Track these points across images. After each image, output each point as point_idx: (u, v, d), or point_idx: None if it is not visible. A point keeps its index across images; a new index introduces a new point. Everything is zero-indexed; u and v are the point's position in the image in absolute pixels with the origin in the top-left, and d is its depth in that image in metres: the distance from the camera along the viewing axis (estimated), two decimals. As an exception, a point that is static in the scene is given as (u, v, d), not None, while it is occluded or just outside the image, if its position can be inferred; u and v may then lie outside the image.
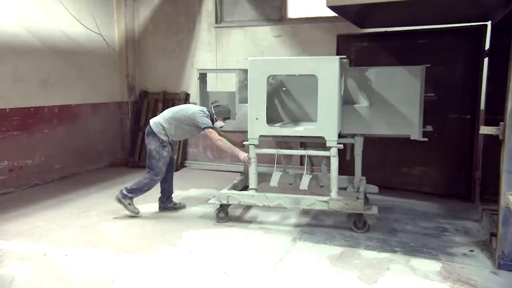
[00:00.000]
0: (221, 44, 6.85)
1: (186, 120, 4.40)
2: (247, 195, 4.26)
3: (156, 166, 4.47)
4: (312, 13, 6.29)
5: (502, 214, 3.21)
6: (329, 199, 3.99)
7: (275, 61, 4.20)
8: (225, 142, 4.37)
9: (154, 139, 4.45)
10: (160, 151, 4.45)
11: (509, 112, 3.11)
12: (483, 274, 3.18)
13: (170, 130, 4.45)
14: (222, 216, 4.38)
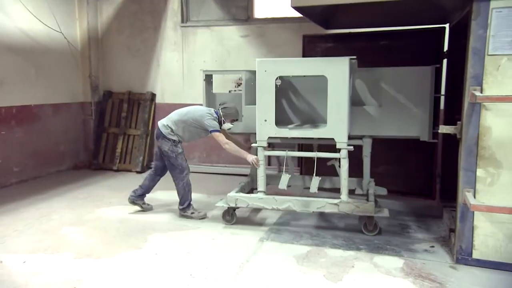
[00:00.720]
0: (187, 44, 6.78)
1: (194, 122, 4.37)
2: (256, 198, 4.20)
3: (177, 164, 4.45)
4: (279, 13, 6.34)
5: (460, 210, 3.33)
6: (339, 202, 3.94)
7: (284, 62, 4.10)
8: (232, 146, 4.32)
9: (165, 141, 4.42)
10: (174, 149, 4.42)
11: (465, 112, 3.23)
12: (443, 269, 3.29)
13: (178, 132, 4.43)
14: (228, 219, 4.34)
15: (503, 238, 3.20)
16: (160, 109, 7.05)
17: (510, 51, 3.05)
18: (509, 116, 3.09)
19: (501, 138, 3.13)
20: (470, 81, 3.18)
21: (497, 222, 3.20)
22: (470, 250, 3.30)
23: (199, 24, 6.73)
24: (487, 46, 3.10)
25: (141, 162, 6.76)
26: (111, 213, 4.68)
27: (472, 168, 3.23)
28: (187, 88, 6.89)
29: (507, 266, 3.21)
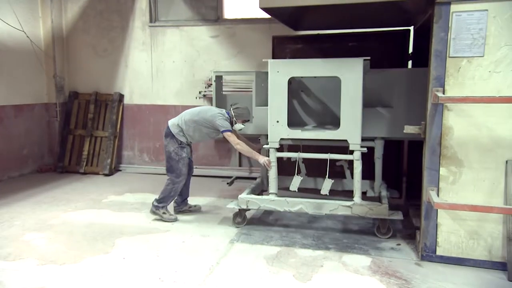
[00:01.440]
0: (156, 44, 6.70)
1: (205, 123, 4.31)
2: (267, 200, 4.15)
3: (176, 168, 4.38)
4: (248, 14, 6.35)
5: (424, 208, 3.43)
6: (352, 204, 3.91)
7: (297, 62, 4.04)
8: (244, 146, 4.28)
9: (173, 141, 4.36)
10: (179, 152, 4.35)
11: (429, 112, 3.33)
12: (408, 266, 3.38)
13: (189, 132, 4.35)
14: (239, 221, 4.30)
15: (464, 234, 3.32)
16: (128, 110, 6.94)
17: (470, 53, 3.17)
18: (469, 117, 3.21)
19: (462, 137, 3.25)
20: (433, 83, 3.28)
21: (459, 219, 3.32)
22: (434, 247, 3.40)
23: (168, 24, 6.66)
24: (448, 48, 3.21)
25: (109, 164, 6.63)
26: (77, 217, 4.57)
27: (436, 167, 3.34)
28: (156, 88, 6.80)
29: (468, 262, 3.33)
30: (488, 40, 3.12)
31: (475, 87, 3.18)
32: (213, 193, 5.61)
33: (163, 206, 4.48)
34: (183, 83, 6.67)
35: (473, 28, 3.15)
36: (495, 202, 3.21)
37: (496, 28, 3.09)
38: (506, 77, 3.10)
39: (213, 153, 6.69)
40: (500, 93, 3.10)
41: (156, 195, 5.40)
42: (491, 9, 3.08)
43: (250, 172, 6.41)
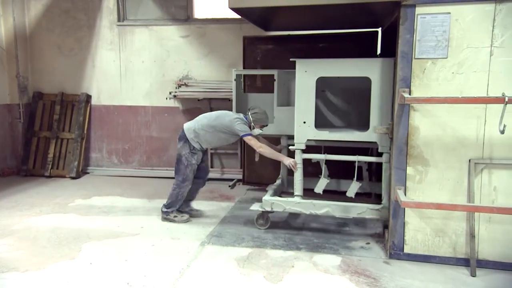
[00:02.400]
0: (124, 43, 6.59)
1: (223, 128, 4.22)
2: (293, 202, 4.07)
3: (183, 172, 4.31)
4: (219, 14, 6.33)
5: (392, 207, 3.51)
6: (381, 207, 3.85)
7: (325, 62, 3.91)
8: (268, 149, 4.20)
9: (186, 145, 4.28)
10: (189, 158, 4.29)
11: (396, 112, 3.41)
12: (377, 264, 3.45)
13: (206, 137, 4.27)
14: (261, 223, 4.23)
15: (430, 232, 3.42)
16: (96, 111, 6.80)
17: (434, 55, 3.26)
18: (434, 117, 3.30)
19: (427, 137, 3.34)
20: (400, 83, 3.36)
21: (425, 217, 3.41)
22: (401, 245, 3.49)
23: (136, 23, 6.56)
24: (414, 50, 3.30)
25: (76, 167, 6.47)
26: (42, 222, 4.43)
27: (403, 166, 3.42)
28: (125, 89, 6.69)
29: (434, 259, 3.43)
30: (451, 42, 3.22)
31: (439, 88, 3.28)
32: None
33: (172, 211, 4.45)
34: (152, 84, 6.58)
35: (437, 31, 3.24)
36: (459, 200, 3.32)
37: (459, 31, 3.19)
38: (468, 78, 3.21)
39: (184, 154, 6.62)
40: (462, 93, 3.21)
41: (126, 198, 5.38)
42: (454, 12, 3.19)
43: (222, 174, 6.40)
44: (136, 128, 6.74)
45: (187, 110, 6.53)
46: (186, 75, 6.47)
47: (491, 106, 3.17)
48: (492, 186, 3.26)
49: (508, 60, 3.13)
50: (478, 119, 3.23)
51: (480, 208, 3.20)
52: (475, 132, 3.25)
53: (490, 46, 3.15)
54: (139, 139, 6.74)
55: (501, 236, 3.28)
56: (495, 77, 3.17)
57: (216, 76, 6.37)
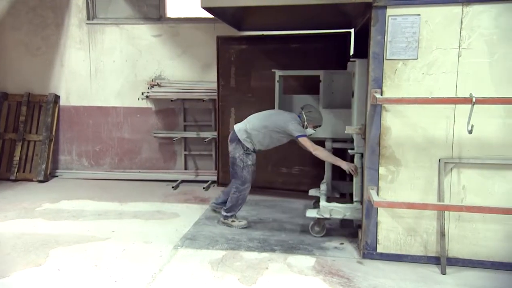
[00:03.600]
0: (94, 42, 6.47)
1: (276, 128, 4.11)
2: (353, 208, 3.92)
3: (241, 175, 4.20)
4: (192, 13, 6.29)
5: (365, 207, 3.57)
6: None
7: None
8: (324, 152, 4.11)
9: (238, 146, 4.15)
10: (244, 159, 4.17)
11: (368, 113, 3.47)
12: (351, 265, 3.50)
13: (258, 138, 4.16)
14: (318, 230, 4.11)
15: (402, 231, 3.49)
16: (65, 112, 6.64)
17: (405, 56, 3.33)
18: (405, 117, 3.37)
19: (399, 137, 3.41)
20: (372, 84, 3.42)
21: (398, 217, 3.48)
22: (374, 245, 3.55)
23: (107, 21, 6.44)
24: (385, 51, 3.36)
25: (44, 170, 6.31)
26: (7, 228, 4.30)
27: (375, 166, 3.48)
28: (95, 89, 6.57)
29: (406, 258, 3.50)
30: (421, 44, 3.30)
31: (410, 89, 3.35)
32: (156, 197, 5.50)
33: (232, 215, 4.35)
34: (124, 84, 6.49)
35: (408, 32, 3.31)
36: (430, 199, 3.40)
37: (428, 32, 3.27)
38: (437, 79, 3.30)
39: (158, 156, 6.56)
40: (432, 94, 3.29)
41: (97, 201, 5.28)
42: (423, 14, 3.26)
43: (196, 175, 6.36)
44: (107, 129, 6.62)
45: (160, 111, 6.47)
46: (159, 75, 6.40)
47: (460, 106, 3.25)
48: (461, 185, 3.36)
49: (475, 61, 3.23)
50: (447, 119, 3.32)
51: (449, 207, 3.29)
52: (445, 132, 3.34)
53: (458, 47, 3.25)
54: (110, 140, 6.63)
55: (470, 234, 3.38)
56: (463, 78, 3.26)
57: (190, 76, 6.33)
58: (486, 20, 3.18)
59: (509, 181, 3.28)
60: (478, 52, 3.22)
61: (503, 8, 3.15)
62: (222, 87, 5.65)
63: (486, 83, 3.23)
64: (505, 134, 3.25)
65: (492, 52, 3.20)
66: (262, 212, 4.86)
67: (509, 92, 3.19)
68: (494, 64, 3.21)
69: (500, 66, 3.20)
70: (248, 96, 5.52)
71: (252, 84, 5.50)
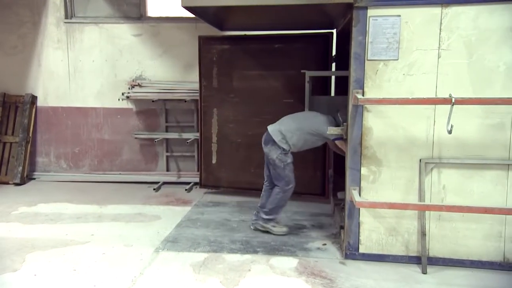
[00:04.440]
0: (73, 42, 6.38)
1: (312, 130, 4.02)
2: None
3: (284, 175, 4.08)
4: (173, 12, 6.26)
5: (348, 207, 3.60)
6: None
7: None
8: None
9: (274, 147, 4.05)
10: (283, 158, 4.05)
11: (350, 113, 3.50)
12: (333, 265, 3.53)
13: (292, 140, 4.05)
14: None
15: (384, 231, 3.54)
16: (42, 113, 6.54)
17: (386, 56, 3.38)
18: (386, 117, 3.42)
19: (380, 138, 3.46)
20: (353, 85, 3.45)
21: (379, 217, 3.52)
22: (357, 245, 3.58)
23: (86, 20, 6.36)
24: (366, 51, 3.40)
25: (20, 172, 6.19)
26: (-19, 233, 4.21)
27: (357, 167, 3.52)
28: (74, 89, 6.48)
29: (388, 257, 3.54)
30: (401, 44, 3.35)
31: (391, 89, 3.39)
32: (137, 200, 5.45)
33: (273, 219, 4.21)
34: (104, 84, 6.41)
35: (388, 33, 3.36)
36: (411, 199, 3.45)
37: (408, 33, 3.32)
38: (418, 79, 3.35)
39: (139, 157, 6.51)
40: (413, 95, 3.34)
41: (75, 204, 5.20)
42: (404, 15, 3.31)
43: (178, 177, 6.32)
44: (86, 130, 6.54)
45: (141, 112, 6.42)
46: (140, 75, 6.35)
47: (440, 107, 3.31)
48: (442, 185, 3.42)
49: (455, 62, 3.29)
50: (427, 120, 3.38)
51: (430, 207, 3.34)
52: (425, 132, 3.39)
53: (438, 48, 3.30)
54: (89, 142, 6.55)
55: (450, 233, 3.44)
56: (443, 78, 3.32)
57: (171, 76, 6.30)
58: (464, 21, 3.25)
59: (488, 180, 3.35)
60: (457, 53, 3.29)
61: (481, 10, 3.22)
62: (204, 88, 5.63)
63: (465, 84, 3.30)
64: (483, 134, 3.32)
65: (471, 53, 3.27)
66: (245, 214, 4.85)
67: (487, 93, 3.27)
68: (472, 65, 3.27)
69: (478, 67, 3.27)
70: (231, 96, 5.51)
71: (235, 85, 5.49)
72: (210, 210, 5.04)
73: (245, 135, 5.50)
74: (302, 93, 4.92)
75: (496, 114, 3.28)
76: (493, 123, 3.30)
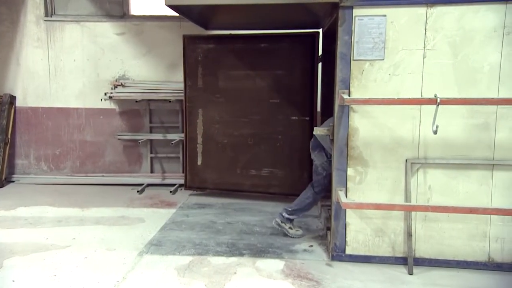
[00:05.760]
0: (53, 40, 6.31)
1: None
2: None
3: (322, 183, 4.06)
4: (157, 11, 6.24)
5: (334, 208, 3.63)
6: None
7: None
8: None
9: (321, 154, 3.98)
10: (327, 167, 3.98)
11: (336, 114, 3.53)
12: (319, 267, 3.55)
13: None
14: None
15: (370, 232, 3.57)
16: (22, 113, 6.45)
17: (372, 56, 3.41)
18: (372, 118, 3.46)
19: (366, 138, 3.49)
20: (339, 85, 3.48)
21: (366, 217, 3.56)
22: (343, 247, 3.61)
23: (67, 18, 6.29)
24: (352, 51, 3.43)
25: (-1, 175, 6.10)
26: (-42, 238, 4.14)
27: (343, 167, 3.55)
28: (55, 89, 6.40)
29: (374, 259, 3.58)
30: (387, 44, 3.39)
31: (377, 89, 3.43)
32: (121, 202, 5.41)
33: (292, 220, 4.21)
34: (86, 84, 6.35)
35: (374, 32, 3.40)
36: (397, 199, 3.49)
37: (394, 33, 3.37)
38: (403, 80, 3.40)
39: (122, 159, 6.46)
40: (399, 95, 3.39)
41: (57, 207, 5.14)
42: (389, 15, 3.35)
43: (163, 179, 6.29)
44: (68, 131, 6.47)
45: (124, 112, 6.37)
46: (123, 75, 6.31)
47: (425, 107, 3.37)
48: (427, 185, 3.47)
49: (440, 62, 3.35)
50: (413, 120, 3.43)
51: (416, 207, 3.39)
52: (411, 132, 3.44)
53: (423, 48, 3.35)
54: (71, 143, 6.48)
55: (436, 234, 3.50)
56: (428, 78, 3.37)
57: (155, 76, 6.27)
58: (449, 21, 3.31)
59: (473, 180, 3.41)
60: (442, 53, 3.34)
61: (465, 10, 3.28)
62: (189, 88, 5.62)
63: (450, 84, 3.35)
64: (468, 135, 3.38)
65: (456, 53, 3.32)
66: (231, 216, 4.86)
67: (472, 93, 3.33)
68: (457, 65, 3.33)
69: (463, 67, 3.33)
70: (216, 96, 5.51)
71: (220, 85, 5.49)
72: (195, 212, 5.03)
73: (231, 136, 5.51)
74: (289, 93, 4.95)
75: (480, 114, 3.35)
76: (477, 123, 3.36)
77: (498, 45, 3.29)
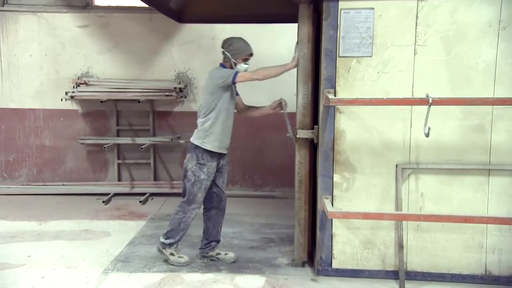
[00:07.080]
0: (6, 33, 6.23)
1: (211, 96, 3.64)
2: None
3: (190, 192, 3.78)
4: (124, 1, 6.22)
5: (319, 218, 3.65)
6: None
7: None
8: (266, 68, 3.64)
9: (192, 156, 3.76)
10: (196, 171, 3.74)
11: (321, 115, 3.57)
12: (304, 283, 3.57)
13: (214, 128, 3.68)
14: None
15: (359, 244, 3.61)
16: (-29, 115, 6.35)
17: (359, 53, 3.46)
18: (360, 119, 3.50)
19: (354, 141, 3.54)
20: (324, 83, 3.52)
21: (354, 228, 3.60)
22: (330, 260, 3.64)
23: (21, 8, 6.22)
24: (338, 47, 3.48)
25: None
26: None
27: (329, 173, 3.58)
28: (8, 88, 6.33)
29: (363, 273, 3.62)
30: (375, 40, 3.44)
31: (365, 89, 3.48)
32: (84, 214, 5.35)
33: (171, 244, 3.90)
34: (44, 82, 6.29)
35: (361, 27, 3.45)
36: (387, 208, 3.54)
37: (382, 28, 3.42)
38: (393, 78, 3.45)
39: (85, 166, 6.40)
40: (388, 94, 3.44)
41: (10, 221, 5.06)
42: (377, 8, 3.41)
43: (131, 187, 6.25)
44: (23, 135, 6.38)
45: (88, 114, 6.33)
46: (86, 72, 6.27)
47: (416, 107, 3.42)
48: (420, 192, 3.53)
49: (432, 59, 3.41)
50: (404, 122, 3.48)
51: (407, 216, 3.44)
52: (402, 135, 3.50)
53: (414, 44, 3.42)
54: (27, 149, 6.39)
55: (429, 245, 3.55)
56: (419, 77, 3.44)
57: (123, 74, 6.25)
58: (441, 15, 3.38)
59: (467, 187, 3.49)
60: (434, 50, 3.41)
61: (459, 3, 3.35)
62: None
63: (443, 83, 3.42)
64: (461, 137, 3.45)
65: (448, 50, 3.40)
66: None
67: (465, 92, 3.40)
68: (450, 62, 3.41)
69: (456, 64, 3.40)
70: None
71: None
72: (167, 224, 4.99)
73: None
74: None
75: (475, 115, 3.43)
76: (472, 124, 3.44)
77: (493, 41, 3.37)
